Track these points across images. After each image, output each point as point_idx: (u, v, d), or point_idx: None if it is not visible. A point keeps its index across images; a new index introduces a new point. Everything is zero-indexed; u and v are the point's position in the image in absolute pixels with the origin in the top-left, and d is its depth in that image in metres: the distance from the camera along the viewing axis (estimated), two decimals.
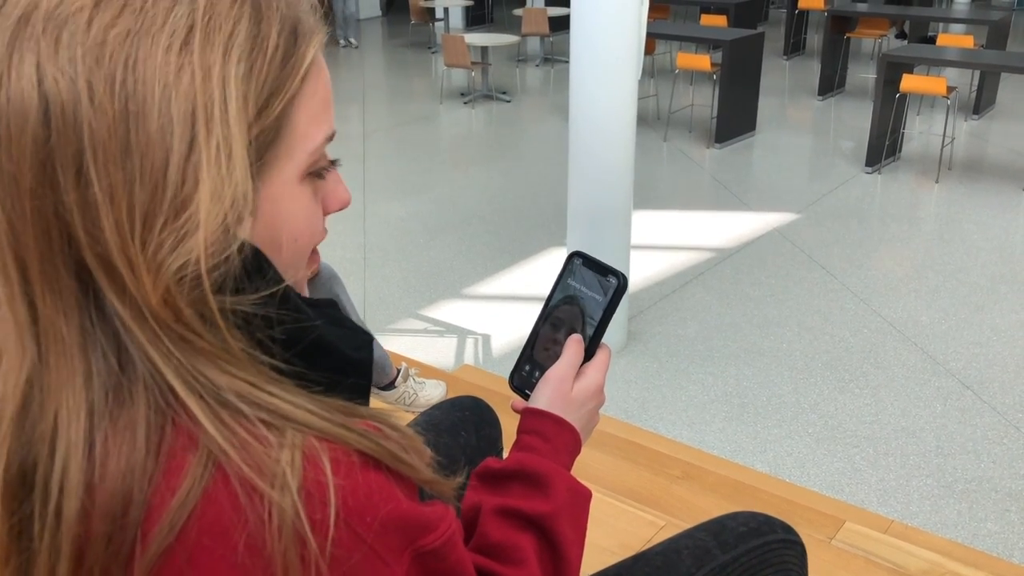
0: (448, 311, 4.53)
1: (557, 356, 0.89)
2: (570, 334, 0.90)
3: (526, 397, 0.91)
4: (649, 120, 7.87)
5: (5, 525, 0.53)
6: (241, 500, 0.52)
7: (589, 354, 0.89)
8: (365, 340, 0.66)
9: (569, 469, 0.85)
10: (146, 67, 0.52)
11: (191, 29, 0.53)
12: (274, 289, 0.57)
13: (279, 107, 0.57)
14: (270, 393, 0.56)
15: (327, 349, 0.61)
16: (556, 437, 0.85)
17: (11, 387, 0.53)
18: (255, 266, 0.57)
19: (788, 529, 1.15)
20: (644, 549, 1.12)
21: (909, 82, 6.22)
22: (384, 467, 0.58)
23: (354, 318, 2.25)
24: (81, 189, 0.51)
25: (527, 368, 0.92)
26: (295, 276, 0.64)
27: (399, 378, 2.82)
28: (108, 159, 0.51)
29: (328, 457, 0.54)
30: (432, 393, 2.86)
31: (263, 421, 0.54)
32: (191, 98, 0.53)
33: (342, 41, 11.74)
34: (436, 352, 4.08)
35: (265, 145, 0.57)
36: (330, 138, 0.63)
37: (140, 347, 0.54)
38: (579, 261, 0.91)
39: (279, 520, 0.52)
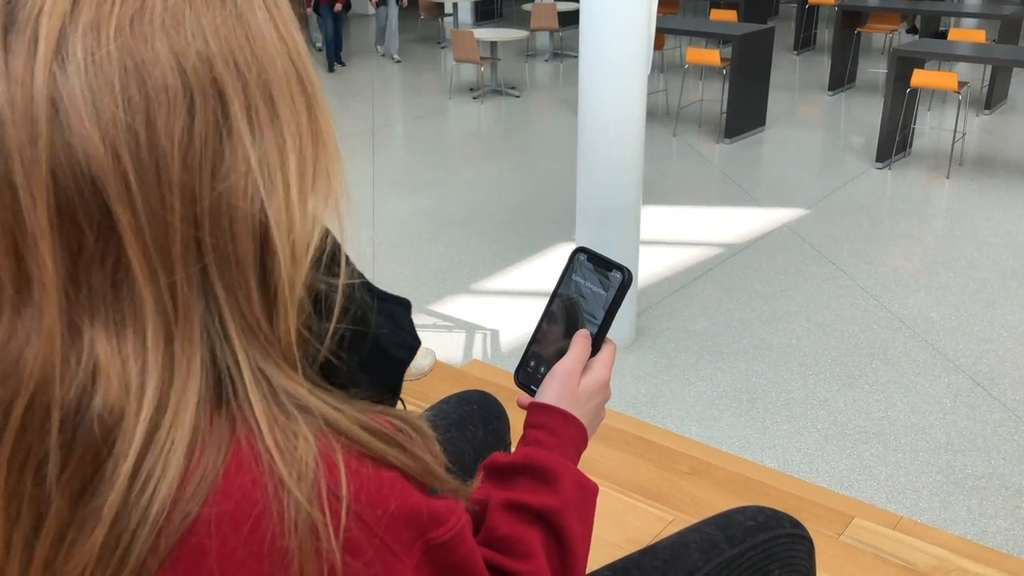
0: (456, 306, 4.53)
1: (562, 352, 0.89)
2: (575, 330, 0.89)
3: (532, 393, 0.91)
4: (658, 115, 7.85)
5: (100, 537, 0.51)
6: (262, 488, 0.52)
7: (595, 349, 0.89)
8: (409, 343, 0.67)
9: (576, 463, 0.85)
10: (261, 38, 0.54)
11: None
12: (358, 280, 0.59)
13: None
14: (303, 386, 0.56)
15: (370, 341, 0.63)
16: (563, 431, 0.85)
17: (145, 402, 0.52)
18: (332, 254, 0.59)
19: (796, 524, 1.15)
20: (652, 543, 1.12)
21: (920, 77, 6.19)
22: (397, 465, 0.58)
23: None
24: (226, 169, 0.52)
25: (532, 364, 0.92)
26: None
27: None
28: (261, 127, 0.53)
29: (342, 451, 0.55)
30: (422, 363, 2.89)
31: (290, 414, 0.55)
32: (295, 61, 0.57)
33: (384, 52, 11.01)
34: (445, 347, 4.08)
35: None
36: None
37: (231, 342, 0.54)
38: (583, 257, 0.91)
39: (296, 511, 0.52)
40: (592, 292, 0.89)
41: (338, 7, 9.80)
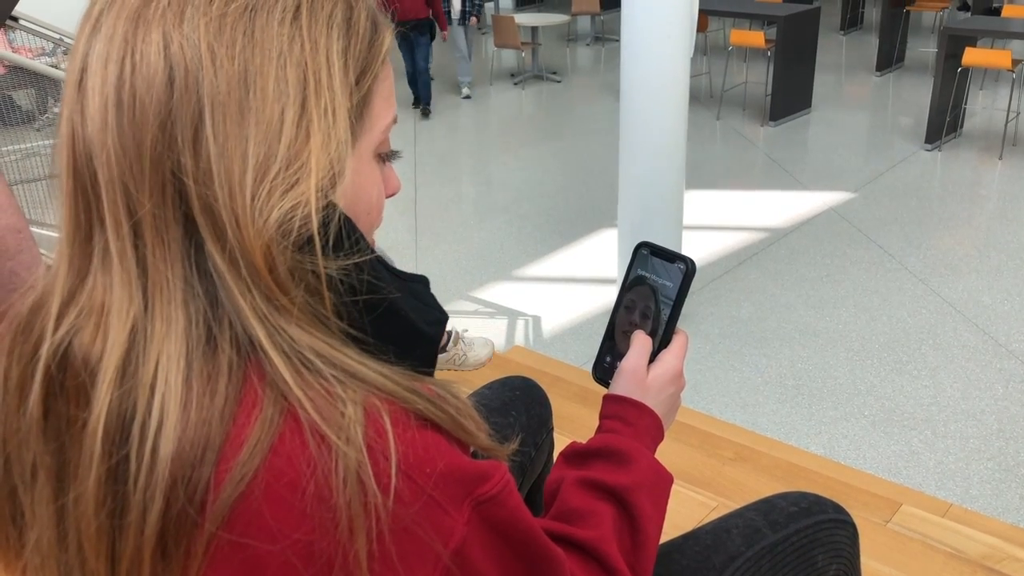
0: (499, 292, 4.54)
1: None
2: (645, 322, 0.91)
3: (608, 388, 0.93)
4: (702, 98, 7.76)
5: (103, 467, 0.56)
6: (311, 450, 0.55)
7: (666, 341, 0.91)
8: (440, 318, 0.69)
9: (652, 452, 0.87)
10: (263, 36, 0.59)
11: (298, 7, 0.61)
12: (367, 256, 0.61)
13: (368, 83, 0.64)
14: (345, 354, 0.59)
15: (401, 319, 0.65)
16: (638, 421, 0.87)
17: (118, 335, 0.57)
18: (346, 231, 0.61)
19: (839, 509, 1.14)
20: (693, 529, 1.12)
21: (972, 56, 6.04)
22: (442, 429, 0.60)
23: None
24: (197, 146, 0.56)
25: (608, 359, 0.94)
26: None
27: (450, 343, 2.91)
28: (226, 116, 0.57)
29: (388, 413, 0.57)
30: (480, 353, 2.96)
31: (335, 378, 0.57)
32: (302, 65, 0.59)
33: (465, 90, 8.55)
34: (487, 333, 4.09)
35: (357, 115, 0.63)
36: (394, 120, 0.68)
37: (233, 299, 0.57)
38: (646, 251, 0.93)
39: (344, 470, 0.54)
40: (659, 284, 0.91)
41: (444, 35, 7.64)
